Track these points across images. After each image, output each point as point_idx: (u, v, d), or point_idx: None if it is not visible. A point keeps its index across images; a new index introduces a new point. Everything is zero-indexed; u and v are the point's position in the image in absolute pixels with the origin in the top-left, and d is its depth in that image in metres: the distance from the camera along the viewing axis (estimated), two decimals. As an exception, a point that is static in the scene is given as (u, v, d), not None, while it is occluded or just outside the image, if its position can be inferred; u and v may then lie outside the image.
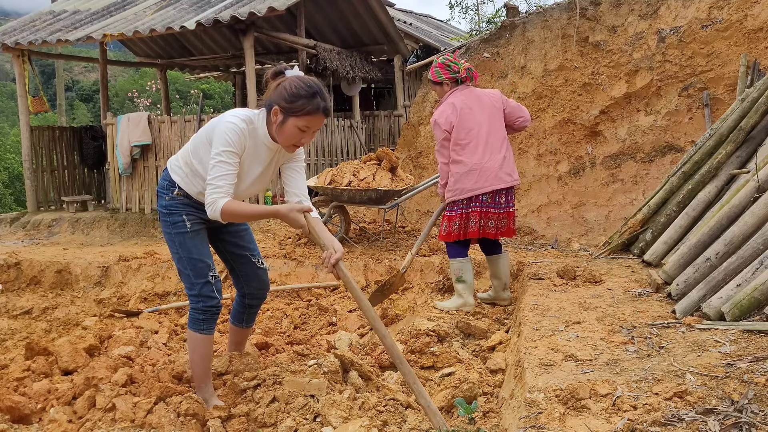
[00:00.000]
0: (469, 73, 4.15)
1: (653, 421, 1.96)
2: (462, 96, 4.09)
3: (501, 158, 4.06)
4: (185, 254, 2.96)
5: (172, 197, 2.99)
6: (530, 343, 2.84)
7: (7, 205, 17.02)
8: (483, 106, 4.09)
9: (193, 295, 2.97)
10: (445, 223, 4.15)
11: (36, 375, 3.81)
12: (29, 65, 9.92)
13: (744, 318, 2.81)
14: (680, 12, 6.39)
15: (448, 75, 4.12)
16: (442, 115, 4.06)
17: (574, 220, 6.82)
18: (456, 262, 4.20)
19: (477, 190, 4.01)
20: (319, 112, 2.75)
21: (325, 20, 11.00)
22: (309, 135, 2.81)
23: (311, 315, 5.06)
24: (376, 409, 2.77)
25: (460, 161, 4.03)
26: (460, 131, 4.02)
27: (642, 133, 6.58)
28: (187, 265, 2.97)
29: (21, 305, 6.11)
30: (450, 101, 4.09)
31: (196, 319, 2.98)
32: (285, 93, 2.74)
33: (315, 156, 9.68)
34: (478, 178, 4.00)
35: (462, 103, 4.06)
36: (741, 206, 3.60)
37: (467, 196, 4.02)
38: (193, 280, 2.96)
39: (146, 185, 8.92)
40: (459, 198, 4.04)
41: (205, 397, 2.97)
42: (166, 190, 3.00)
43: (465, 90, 4.13)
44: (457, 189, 4.05)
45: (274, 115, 2.76)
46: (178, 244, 2.98)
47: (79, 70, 38.59)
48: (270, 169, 3.00)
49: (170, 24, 8.44)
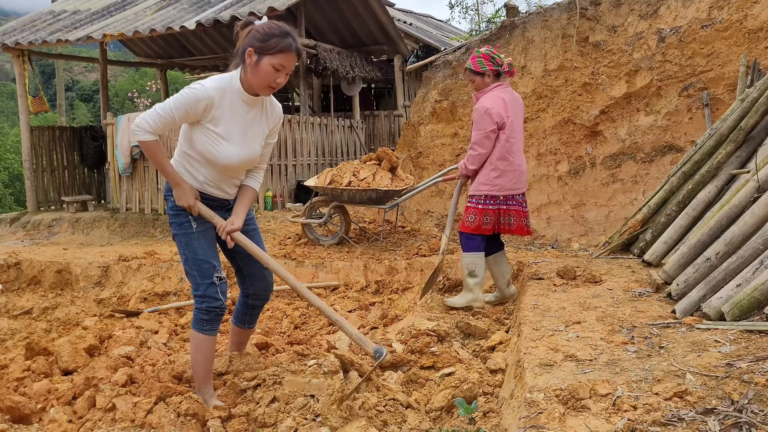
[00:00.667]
0: (511, 68, 4.18)
1: (653, 421, 1.96)
2: (507, 94, 4.11)
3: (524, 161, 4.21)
4: (191, 255, 2.98)
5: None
6: (530, 343, 2.84)
7: (7, 205, 17.02)
8: (519, 109, 4.19)
9: (198, 295, 2.98)
10: (474, 216, 4.08)
11: (36, 375, 3.81)
12: (29, 65, 9.92)
13: (744, 318, 2.81)
14: (680, 12, 6.39)
15: (492, 67, 4.09)
16: (495, 107, 4.00)
17: (574, 220, 6.82)
18: (470, 256, 4.17)
19: (514, 190, 4.08)
20: (292, 50, 2.79)
21: (325, 20, 11.00)
22: (283, 75, 2.83)
23: (311, 315, 5.06)
24: (376, 409, 2.77)
25: (507, 159, 4.04)
26: (510, 129, 4.04)
27: (642, 133, 6.58)
28: (192, 266, 2.98)
29: (21, 305, 6.11)
30: (499, 95, 4.06)
31: (200, 319, 2.99)
32: (258, 34, 2.79)
33: (315, 156, 9.68)
34: (517, 178, 4.08)
35: (510, 101, 4.09)
36: (741, 206, 3.60)
37: (505, 194, 4.05)
38: (198, 281, 2.97)
39: (146, 185, 8.92)
40: (498, 194, 4.05)
41: (206, 398, 2.97)
42: (170, 191, 3.01)
43: (507, 89, 4.14)
44: (497, 185, 4.05)
45: (248, 56, 2.79)
46: (184, 245, 2.99)
47: (79, 70, 38.60)
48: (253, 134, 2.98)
49: (170, 24, 8.44)
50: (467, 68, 4.17)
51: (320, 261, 5.88)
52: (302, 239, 6.78)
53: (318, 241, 6.60)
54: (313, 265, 5.85)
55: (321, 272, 5.80)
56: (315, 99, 12.90)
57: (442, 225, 7.43)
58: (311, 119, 9.70)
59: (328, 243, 6.52)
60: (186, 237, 2.98)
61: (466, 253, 4.19)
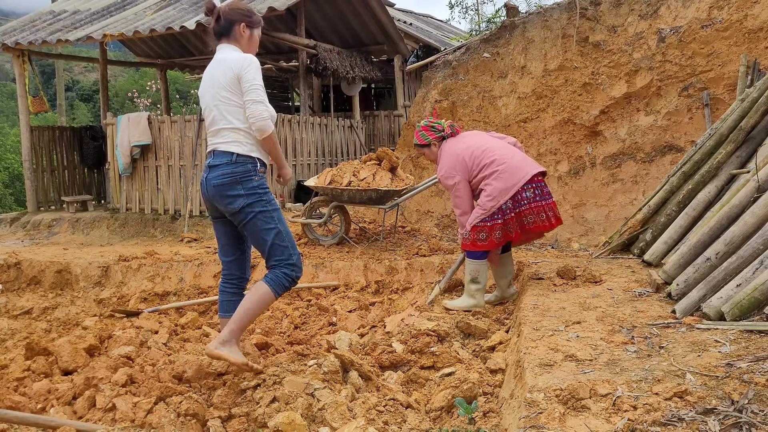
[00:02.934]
0: (453, 129, 4.27)
1: (653, 421, 1.96)
2: (453, 145, 4.17)
3: (522, 155, 4.14)
4: (283, 228, 3.20)
5: (260, 176, 3.16)
6: (530, 343, 2.84)
7: (7, 205, 17.02)
8: (482, 136, 4.23)
9: (290, 264, 3.19)
10: (485, 233, 3.98)
11: (36, 375, 3.81)
12: (29, 65, 9.92)
13: (744, 318, 2.81)
14: (680, 12, 6.39)
15: (435, 135, 4.24)
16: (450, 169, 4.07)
17: (574, 220, 6.82)
18: (474, 263, 4.13)
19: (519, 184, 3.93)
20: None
21: (325, 20, 11.00)
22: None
23: (311, 315, 5.06)
24: (376, 409, 2.77)
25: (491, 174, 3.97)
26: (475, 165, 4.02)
27: (642, 133, 6.58)
28: (285, 238, 3.19)
29: (21, 305, 6.11)
30: (451, 153, 4.11)
31: (282, 284, 3.17)
32: (241, 12, 3.22)
33: (315, 156, 9.68)
34: (510, 173, 3.94)
35: (459, 148, 4.11)
36: (741, 206, 3.60)
37: (511, 194, 3.92)
38: (291, 251, 3.20)
39: (146, 185, 8.92)
40: (503, 200, 3.92)
41: (235, 348, 3.07)
42: (250, 172, 3.11)
43: (453, 141, 4.22)
44: (497, 196, 3.94)
45: (242, 31, 3.22)
46: (276, 219, 3.18)
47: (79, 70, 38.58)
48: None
49: (170, 24, 8.44)
50: (415, 145, 4.35)
51: (320, 261, 5.87)
52: (302, 239, 6.78)
53: (318, 241, 6.59)
54: (313, 265, 5.85)
55: (321, 272, 5.80)
56: (315, 99, 12.90)
57: (442, 225, 7.43)
58: (311, 119, 9.70)
59: (328, 243, 6.52)
60: (277, 212, 3.19)
61: (471, 260, 4.15)
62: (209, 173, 3.16)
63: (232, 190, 3.09)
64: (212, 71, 3.17)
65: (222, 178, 3.09)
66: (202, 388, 3.25)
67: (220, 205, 3.17)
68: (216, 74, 3.12)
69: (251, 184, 3.11)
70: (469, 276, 4.19)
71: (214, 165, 3.13)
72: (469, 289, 4.22)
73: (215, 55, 3.21)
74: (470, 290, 4.21)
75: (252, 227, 3.15)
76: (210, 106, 3.17)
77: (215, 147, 3.15)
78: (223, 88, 3.08)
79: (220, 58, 3.15)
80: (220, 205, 3.18)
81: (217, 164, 3.12)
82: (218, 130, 3.14)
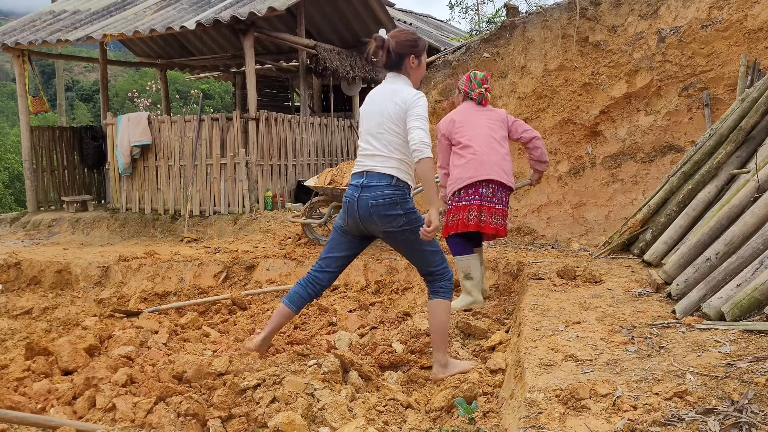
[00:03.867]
0: (481, 97, 4.36)
1: (653, 421, 1.96)
2: (464, 107, 4.35)
3: (502, 155, 4.22)
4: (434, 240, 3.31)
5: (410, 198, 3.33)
6: (530, 343, 2.84)
7: (7, 205, 17.02)
8: (483, 115, 4.32)
9: (445, 268, 3.36)
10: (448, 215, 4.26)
11: (36, 375, 3.81)
12: (29, 65, 9.92)
13: (744, 318, 2.81)
14: (680, 12, 6.39)
15: (465, 88, 4.38)
16: (442, 122, 4.35)
17: (574, 220, 6.82)
18: (462, 259, 4.24)
19: (476, 177, 4.12)
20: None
21: (325, 20, 11.00)
22: None
23: (311, 315, 5.06)
24: (376, 409, 2.77)
25: (461, 156, 4.20)
26: (460, 134, 4.23)
27: (642, 133, 6.58)
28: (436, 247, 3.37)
29: (21, 305, 6.11)
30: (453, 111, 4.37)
31: (450, 289, 3.37)
32: (409, 45, 3.31)
33: (315, 156, 9.68)
34: (477, 166, 4.14)
35: (463, 112, 4.32)
36: (741, 206, 3.60)
37: (467, 183, 4.13)
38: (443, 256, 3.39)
39: (146, 185, 8.92)
40: (460, 186, 4.16)
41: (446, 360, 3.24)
42: (407, 195, 3.29)
43: (470, 106, 4.35)
44: (458, 178, 4.18)
45: (411, 63, 3.33)
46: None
47: (79, 70, 38.59)
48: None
49: (170, 24, 8.44)
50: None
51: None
52: (302, 239, 6.78)
53: (318, 241, 6.59)
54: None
55: (321, 272, 5.80)
56: (315, 99, 12.90)
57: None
58: (311, 119, 9.70)
59: (328, 243, 6.51)
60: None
61: (458, 257, 4.27)
62: (364, 193, 3.25)
63: (392, 210, 3.23)
64: (384, 99, 3.30)
65: (383, 198, 3.22)
66: (202, 388, 3.25)
67: (376, 224, 3.27)
68: (387, 104, 3.26)
69: (409, 205, 3.28)
70: (462, 273, 4.26)
71: (371, 185, 3.24)
72: (464, 286, 4.25)
73: (386, 83, 3.37)
74: (466, 287, 4.25)
75: (412, 244, 3.31)
76: (373, 131, 3.31)
77: (371, 169, 3.26)
78: (391, 120, 3.24)
79: (394, 89, 3.29)
80: (374, 224, 3.27)
81: (374, 185, 3.23)
82: (377, 155, 3.28)
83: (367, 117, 3.36)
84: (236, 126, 8.36)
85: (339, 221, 3.45)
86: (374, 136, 3.28)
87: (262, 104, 12.41)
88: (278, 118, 8.81)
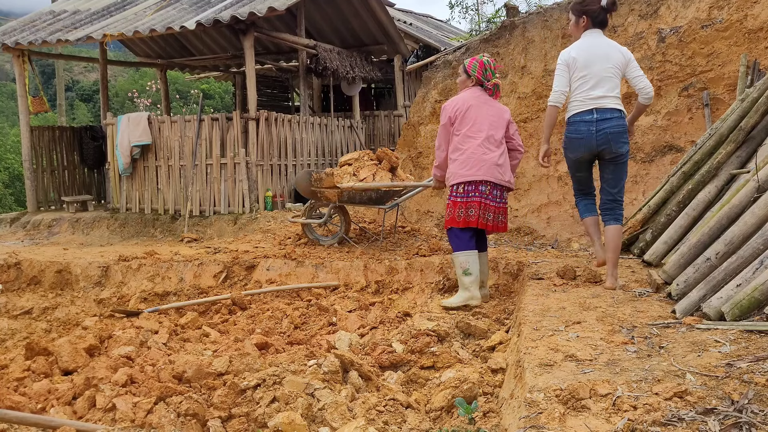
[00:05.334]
0: (495, 89, 4.39)
1: (653, 421, 1.96)
2: (474, 95, 4.34)
3: (498, 155, 4.25)
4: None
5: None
6: (530, 343, 2.84)
7: (7, 205, 17.01)
8: (490, 109, 4.32)
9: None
10: (450, 209, 4.29)
11: (36, 375, 3.81)
12: (29, 65, 9.92)
13: (744, 318, 2.81)
14: (680, 12, 6.38)
15: (479, 76, 4.35)
16: (451, 104, 4.37)
17: (574, 220, 6.82)
18: (462, 255, 4.25)
19: (472, 177, 4.18)
20: None
21: (325, 20, 11.00)
22: None
23: (311, 315, 5.06)
24: (376, 409, 2.77)
25: (460, 149, 4.24)
26: (464, 123, 4.26)
27: (642, 133, 6.58)
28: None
29: (21, 305, 6.11)
30: (463, 96, 4.36)
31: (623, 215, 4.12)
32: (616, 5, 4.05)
33: (315, 156, 9.68)
34: (472, 165, 4.20)
35: (472, 100, 4.32)
36: (741, 206, 3.60)
37: (465, 180, 4.19)
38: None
39: (146, 185, 8.92)
40: (459, 181, 4.22)
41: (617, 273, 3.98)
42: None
43: (480, 95, 4.35)
44: (458, 173, 4.25)
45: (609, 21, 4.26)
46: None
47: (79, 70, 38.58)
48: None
49: (170, 24, 8.44)
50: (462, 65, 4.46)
51: (320, 261, 5.88)
52: (302, 239, 6.78)
53: (318, 241, 6.59)
54: (313, 265, 5.85)
55: (321, 272, 5.81)
56: (315, 99, 12.90)
57: (443, 225, 7.43)
58: (311, 119, 9.70)
59: (328, 243, 6.52)
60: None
61: (458, 252, 4.26)
62: (604, 122, 3.87)
63: (624, 137, 3.93)
64: (605, 49, 3.95)
65: (621, 127, 3.91)
66: (202, 388, 3.25)
67: (613, 147, 3.89)
68: (610, 53, 3.94)
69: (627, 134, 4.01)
70: (460, 269, 4.27)
71: (609, 117, 3.88)
72: (462, 282, 4.25)
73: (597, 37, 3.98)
74: (464, 283, 4.24)
75: (623, 167, 4.00)
76: (601, 74, 3.91)
77: (605, 105, 3.90)
78: (615, 67, 3.93)
79: (609, 43, 3.99)
80: (611, 147, 3.89)
81: (613, 117, 3.89)
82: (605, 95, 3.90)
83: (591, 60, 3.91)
84: (236, 126, 8.36)
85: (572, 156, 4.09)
86: (602, 77, 3.90)
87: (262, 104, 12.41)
88: (278, 118, 8.80)
